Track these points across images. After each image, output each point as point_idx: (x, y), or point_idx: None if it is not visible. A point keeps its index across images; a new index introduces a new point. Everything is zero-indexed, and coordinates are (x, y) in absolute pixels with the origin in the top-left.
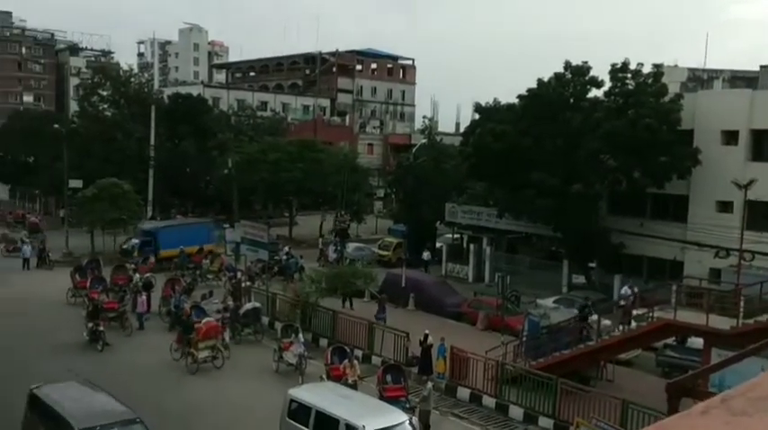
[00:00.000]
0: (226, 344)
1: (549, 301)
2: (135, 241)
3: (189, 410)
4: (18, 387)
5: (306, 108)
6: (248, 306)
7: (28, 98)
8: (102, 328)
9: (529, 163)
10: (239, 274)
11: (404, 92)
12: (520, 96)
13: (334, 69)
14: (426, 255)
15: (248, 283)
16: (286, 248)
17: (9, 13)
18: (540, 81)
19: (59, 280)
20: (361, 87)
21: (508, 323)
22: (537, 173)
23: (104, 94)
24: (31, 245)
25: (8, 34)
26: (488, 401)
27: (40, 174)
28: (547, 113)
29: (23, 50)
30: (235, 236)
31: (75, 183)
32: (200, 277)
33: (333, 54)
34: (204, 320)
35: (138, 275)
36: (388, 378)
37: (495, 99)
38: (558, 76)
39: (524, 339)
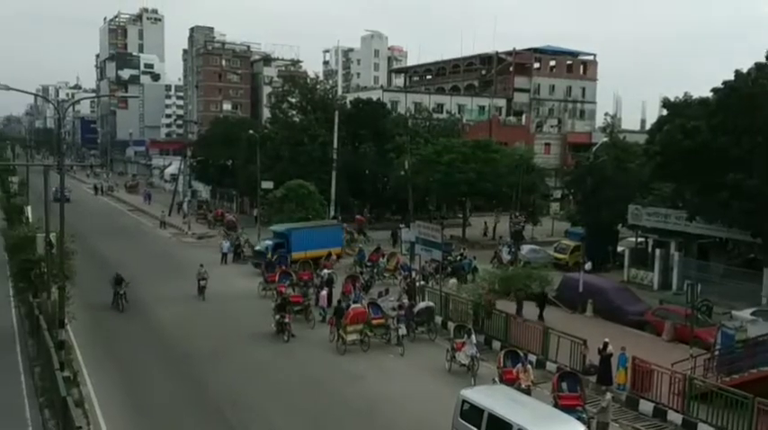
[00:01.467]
0: (399, 340)
1: (746, 313)
2: (268, 242)
3: (367, 403)
4: (221, 368)
5: (481, 108)
6: (422, 305)
7: (227, 106)
8: (288, 320)
9: (723, 162)
10: (414, 274)
11: (584, 89)
12: (714, 90)
13: (511, 68)
14: (588, 265)
15: (422, 283)
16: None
17: (211, 29)
18: (737, 73)
19: (253, 274)
20: (539, 85)
21: (698, 335)
22: (733, 173)
23: (293, 100)
24: (229, 241)
25: (210, 48)
26: (674, 417)
27: (236, 176)
28: (746, 108)
29: (223, 62)
30: (410, 236)
31: (267, 185)
32: (378, 275)
33: (509, 53)
34: (352, 306)
35: (325, 271)
36: (564, 385)
37: (685, 93)
38: (759, 66)
39: (717, 353)
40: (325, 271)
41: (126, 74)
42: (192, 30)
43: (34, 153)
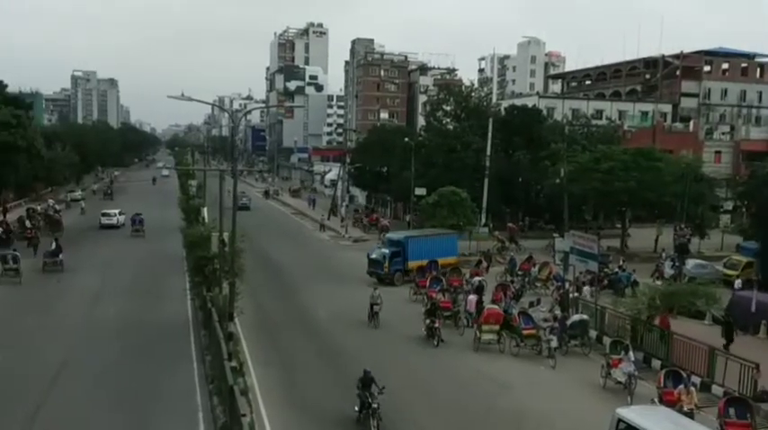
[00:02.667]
0: (551, 352)
1: None
2: (384, 251)
3: (515, 414)
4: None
5: (644, 115)
6: (575, 317)
7: (384, 115)
8: (438, 325)
9: None
10: (567, 285)
11: (761, 93)
12: None
13: (678, 72)
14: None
15: (576, 294)
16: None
17: (371, 41)
18: None
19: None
20: (709, 90)
21: None
22: None
23: (447, 108)
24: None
25: (370, 59)
26: None
27: (391, 182)
28: None
29: (382, 73)
30: (564, 245)
31: (420, 191)
32: (529, 284)
33: (676, 56)
34: (487, 307)
35: (476, 278)
36: (731, 411)
37: None
38: None
39: None
40: (476, 278)
41: (293, 85)
42: (353, 42)
43: (210, 159)
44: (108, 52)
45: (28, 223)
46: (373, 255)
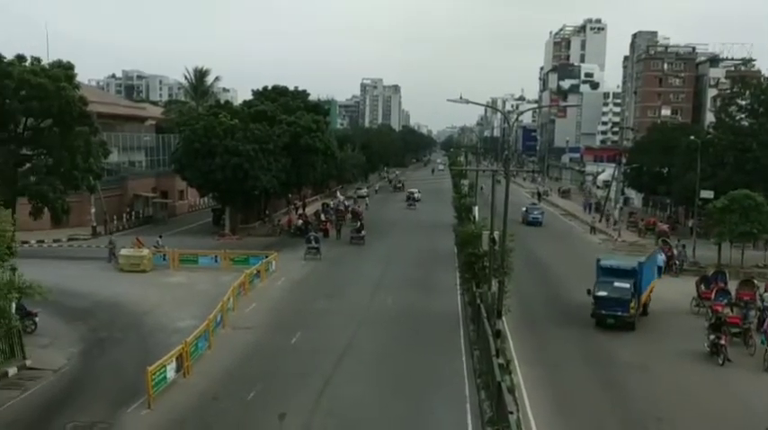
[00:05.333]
0: None
1: None
2: (624, 285)
3: None
4: (647, 381)
5: None
6: None
7: (665, 112)
8: (723, 343)
9: None
10: None
11: None
12: None
13: None
14: None
15: None
16: None
17: (654, 33)
18: None
19: (685, 288)
20: None
21: None
22: None
23: (742, 103)
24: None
25: (652, 53)
26: None
27: (671, 184)
28: None
29: (665, 66)
30: None
31: (707, 194)
32: None
33: None
34: None
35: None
36: None
37: None
38: None
39: None
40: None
41: (566, 84)
42: (634, 36)
43: (482, 159)
44: (392, 61)
45: (323, 216)
46: (601, 292)
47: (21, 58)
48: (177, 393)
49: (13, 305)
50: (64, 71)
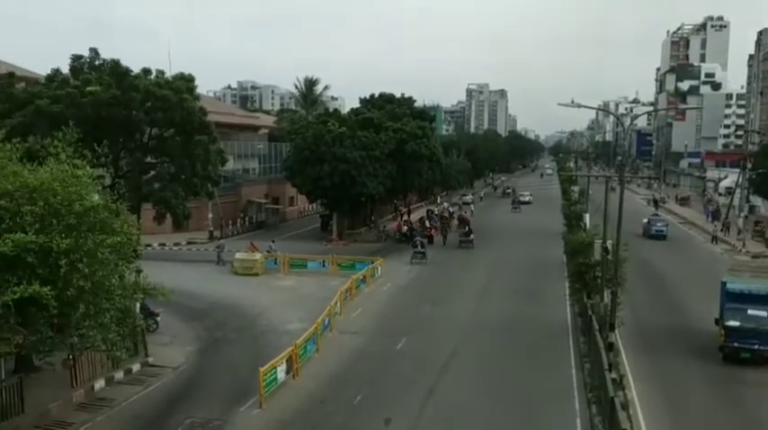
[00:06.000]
0: None
1: None
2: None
3: None
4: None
5: None
6: None
7: None
8: None
9: None
10: None
11: None
12: None
13: None
14: None
15: None
16: None
17: None
18: None
19: None
20: None
21: None
22: None
23: None
24: None
25: None
26: None
27: None
28: None
29: None
30: None
31: None
32: None
33: None
34: None
35: None
36: None
37: None
38: None
39: None
40: None
41: (685, 85)
42: (760, 33)
43: (592, 164)
44: (499, 66)
45: (427, 223)
46: (732, 322)
47: (146, 71)
48: (287, 394)
49: (138, 305)
50: (185, 83)
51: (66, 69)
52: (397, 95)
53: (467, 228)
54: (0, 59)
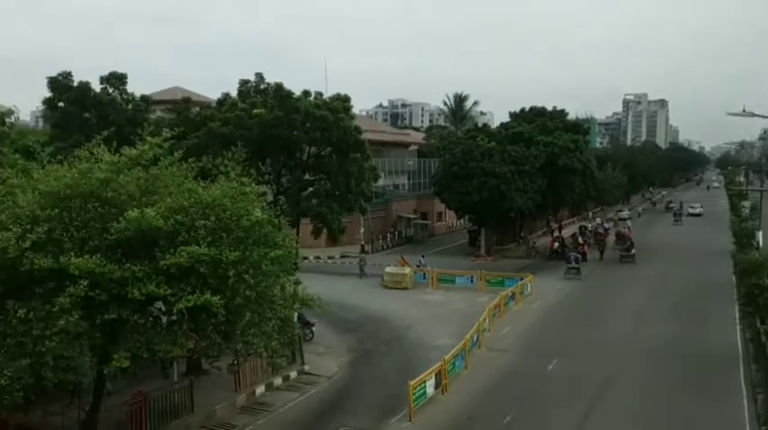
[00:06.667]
0: None
1: None
2: None
3: None
4: None
5: None
6: None
7: None
8: None
9: None
10: None
11: None
12: None
13: None
14: None
15: None
16: None
17: None
18: None
19: None
20: None
21: None
22: None
23: None
24: None
25: None
26: None
27: None
28: None
29: None
30: None
31: None
32: None
33: None
34: None
35: None
36: None
37: None
38: None
39: None
40: None
41: None
42: None
43: (765, 178)
44: (659, 74)
45: (580, 239)
46: None
47: (306, 93)
48: (436, 409)
49: (295, 315)
50: (342, 103)
51: (234, 93)
52: (549, 108)
53: (628, 243)
54: (177, 86)
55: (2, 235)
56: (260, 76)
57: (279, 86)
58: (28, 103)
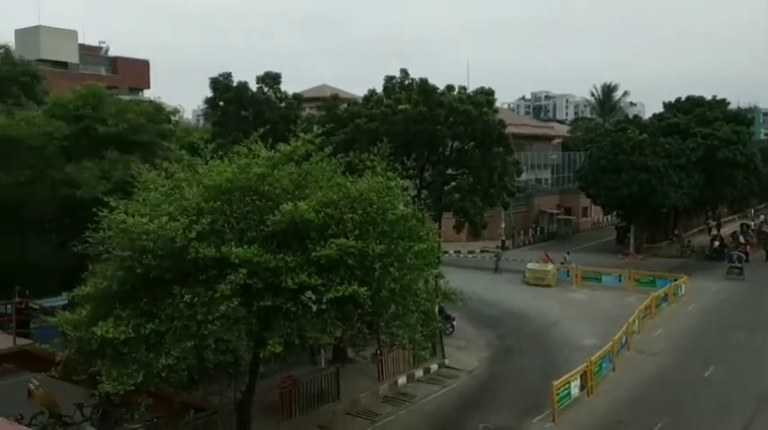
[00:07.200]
0: None
1: None
2: None
3: None
4: None
5: None
6: None
7: None
8: None
9: None
10: None
11: None
12: None
13: None
14: None
15: None
16: None
17: None
18: None
19: None
20: None
21: None
22: None
23: None
24: None
25: None
26: None
27: None
28: None
29: None
30: None
31: None
32: None
33: None
34: None
35: None
36: None
37: None
38: None
39: None
40: None
41: None
42: None
43: None
44: None
45: (741, 238)
46: None
47: (450, 87)
48: (580, 411)
49: (437, 308)
50: (485, 97)
51: (380, 89)
52: (708, 98)
53: None
54: (325, 84)
55: (171, 225)
56: (404, 72)
57: (423, 82)
58: (190, 102)
